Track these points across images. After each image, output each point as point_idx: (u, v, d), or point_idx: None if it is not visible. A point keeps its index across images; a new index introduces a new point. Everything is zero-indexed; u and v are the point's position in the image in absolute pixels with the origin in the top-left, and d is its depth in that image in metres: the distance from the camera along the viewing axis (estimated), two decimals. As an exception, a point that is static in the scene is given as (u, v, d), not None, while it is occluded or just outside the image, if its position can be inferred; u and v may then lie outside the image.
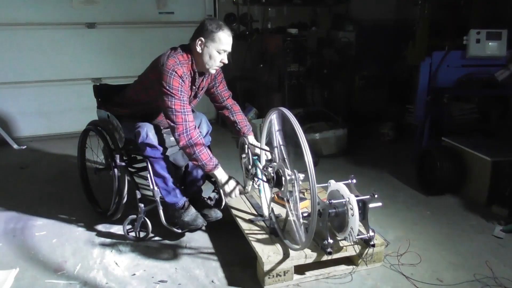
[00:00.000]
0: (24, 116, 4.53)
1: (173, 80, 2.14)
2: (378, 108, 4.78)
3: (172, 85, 2.14)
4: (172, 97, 2.15)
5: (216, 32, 2.19)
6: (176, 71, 2.15)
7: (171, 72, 2.14)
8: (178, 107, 2.16)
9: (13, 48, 4.34)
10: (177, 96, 2.15)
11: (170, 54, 2.22)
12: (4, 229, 2.61)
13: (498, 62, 3.46)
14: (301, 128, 1.85)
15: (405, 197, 3.07)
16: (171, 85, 2.14)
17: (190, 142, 2.16)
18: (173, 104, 2.15)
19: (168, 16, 4.75)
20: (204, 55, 2.22)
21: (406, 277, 2.09)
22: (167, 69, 2.14)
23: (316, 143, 3.87)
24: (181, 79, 2.17)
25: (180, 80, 2.17)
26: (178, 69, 2.16)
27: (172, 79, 2.14)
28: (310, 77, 4.71)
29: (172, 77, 2.14)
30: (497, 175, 2.80)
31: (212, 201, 2.61)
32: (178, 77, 2.15)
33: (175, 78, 2.14)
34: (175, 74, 2.14)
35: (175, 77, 2.14)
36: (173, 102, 2.15)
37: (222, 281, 2.09)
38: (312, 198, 1.81)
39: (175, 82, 2.15)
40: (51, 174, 3.55)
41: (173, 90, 2.14)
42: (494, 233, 2.51)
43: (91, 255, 2.33)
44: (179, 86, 2.16)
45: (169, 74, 2.14)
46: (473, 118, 3.74)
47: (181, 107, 2.16)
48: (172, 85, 2.14)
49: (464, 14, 4.39)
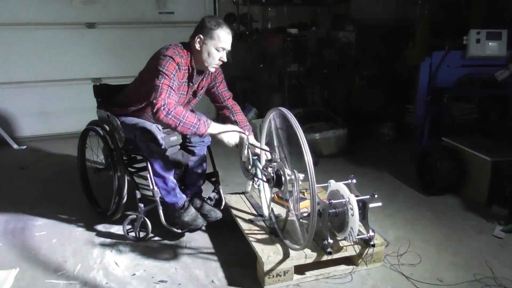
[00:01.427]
0: (24, 116, 4.53)
1: (169, 64, 2.15)
2: (378, 108, 4.78)
3: (167, 67, 2.15)
4: (163, 77, 2.13)
5: (215, 30, 2.19)
6: (174, 58, 2.17)
7: (169, 58, 2.16)
8: (165, 86, 2.12)
9: (13, 48, 4.34)
10: (168, 77, 2.14)
11: (171, 46, 2.25)
12: (4, 229, 2.61)
13: (498, 62, 3.46)
14: (301, 128, 1.85)
15: (405, 197, 3.07)
16: (166, 67, 2.14)
17: (170, 112, 2.08)
18: (161, 82, 2.12)
19: (168, 16, 4.75)
20: (203, 52, 2.23)
21: (406, 277, 2.09)
22: (166, 55, 2.17)
23: (316, 143, 3.87)
24: (177, 65, 2.18)
25: (176, 66, 2.17)
26: (176, 58, 2.18)
27: (168, 63, 2.15)
28: (310, 77, 4.70)
29: (169, 61, 2.16)
30: (497, 175, 2.80)
31: (212, 201, 2.61)
32: (174, 62, 2.17)
33: (172, 62, 2.16)
34: (172, 60, 2.16)
35: (171, 62, 2.16)
36: (162, 80, 2.12)
37: (222, 281, 2.09)
38: (312, 198, 1.81)
39: (171, 65, 2.16)
40: (51, 174, 3.55)
41: (167, 71, 2.14)
42: (494, 233, 2.51)
43: (91, 255, 2.33)
44: (174, 70, 2.16)
45: (167, 59, 2.16)
46: (473, 118, 3.74)
47: (168, 87, 2.12)
48: (167, 67, 2.15)
49: (464, 14, 4.39)
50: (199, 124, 2.14)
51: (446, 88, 3.50)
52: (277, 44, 4.51)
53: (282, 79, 4.48)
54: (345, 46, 4.93)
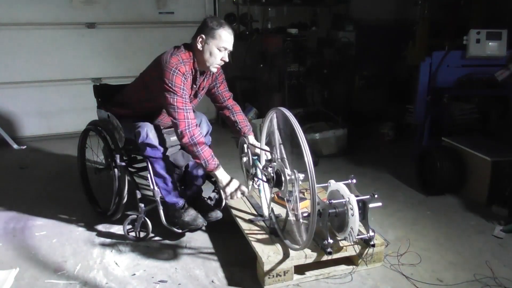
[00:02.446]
0: (24, 116, 4.54)
1: (175, 77, 2.15)
2: (378, 108, 4.78)
3: (175, 83, 2.15)
4: (174, 94, 2.15)
5: (217, 29, 2.19)
6: (179, 69, 2.16)
7: (174, 70, 2.15)
8: (180, 105, 2.16)
9: (13, 48, 4.34)
10: (179, 94, 2.16)
11: (173, 52, 2.23)
12: (4, 229, 2.61)
13: (498, 62, 3.45)
14: (301, 128, 1.85)
15: (405, 197, 3.07)
16: (174, 82, 2.14)
17: (193, 139, 2.16)
18: (175, 101, 2.16)
19: (168, 16, 4.75)
20: (205, 52, 2.23)
21: (406, 277, 2.09)
22: (170, 67, 2.15)
23: (316, 143, 3.87)
24: (184, 76, 2.18)
25: (183, 78, 2.17)
26: (181, 67, 2.17)
27: (174, 76, 2.15)
28: (310, 77, 4.71)
29: (175, 75, 2.15)
30: (497, 175, 2.80)
31: (212, 201, 2.61)
32: (180, 74, 2.16)
33: (178, 75, 2.15)
34: (178, 72, 2.15)
35: (177, 75, 2.15)
36: (175, 99, 2.16)
37: (222, 281, 2.09)
38: (312, 198, 1.81)
39: (178, 79, 2.15)
40: (51, 174, 3.55)
41: (175, 87, 2.15)
42: (494, 233, 2.51)
43: (91, 255, 2.33)
44: (181, 84, 2.17)
45: (172, 71, 2.15)
46: (473, 118, 3.73)
47: (183, 104, 2.17)
48: (175, 82, 2.15)
49: (464, 14, 4.39)
50: (210, 162, 2.19)
51: (446, 88, 3.50)
52: (277, 44, 4.51)
53: (282, 79, 4.48)
54: (345, 46, 4.94)
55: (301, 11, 5.21)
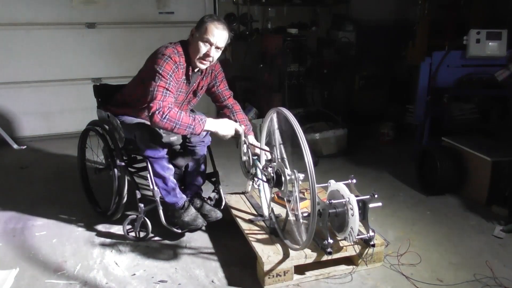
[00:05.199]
0: (24, 116, 4.53)
1: (166, 64, 2.16)
2: (378, 108, 4.78)
3: (164, 68, 2.15)
4: (159, 78, 2.14)
5: (206, 22, 2.20)
6: (172, 57, 2.17)
7: (167, 57, 2.17)
8: (161, 88, 2.13)
9: (13, 48, 4.33)
10: (164, 78, 2.14)
11: (170, 44, 2.26)
12: (4, 229, 2.61)
13: (498, 62, 3.45)
14: (301, 128, 1.85)
15: (405, 197, 3.07)
16: (163, 67, 2.15)
17: (165, 116, 2.09)
18: (157, 85, 2.13)
19: (168, 16, 4.75)
20: (192, 44, 2.25)
21: (406, 277, 2.09)
22: (164, 55, 2.17)
23: (316, 143, 3.87)
24: (175, 65, 2.18)
25: (174, 66, 2.17)
26: (175, 57, 2.18)
27: (166, 63, 2.16)
28: (310, 77, 4.70)
29: (167, 61, 2.16)
30: (497, 175, 2.80)
31: (212, 201, 2.61)
32: (172, 62, 2.17)
33: (169, 62, 2.16)
34: (170, 59, 2.17)
35: (169, 61, 2.16)
36: (158, 82, 2.13)
37: (222, 281, 2.09)
38: (312, 198, 1.81)
39: (168, 66, 2.16)
40: (51, 174, 3.55)
41: (163, 72, 2.14)
42: (494, 233, 2.51)
43: (91, 255, 2.33)
44: (171, 70, 2.16)
45: (165, 59, 2.16)
46: (473, 118, 3.73)
47: (163, 88, 2.13)
48: (164, 67, 2.15)
49: (464, 14, 4.39)
50: (194, 124, 2.15)
51: (446, 88, 3.50)
52: (277, 44, 4.51)
53: (282, 79, 4.48)
54: (345, 46, 4.93)
55: (301, 11, 5.21)
